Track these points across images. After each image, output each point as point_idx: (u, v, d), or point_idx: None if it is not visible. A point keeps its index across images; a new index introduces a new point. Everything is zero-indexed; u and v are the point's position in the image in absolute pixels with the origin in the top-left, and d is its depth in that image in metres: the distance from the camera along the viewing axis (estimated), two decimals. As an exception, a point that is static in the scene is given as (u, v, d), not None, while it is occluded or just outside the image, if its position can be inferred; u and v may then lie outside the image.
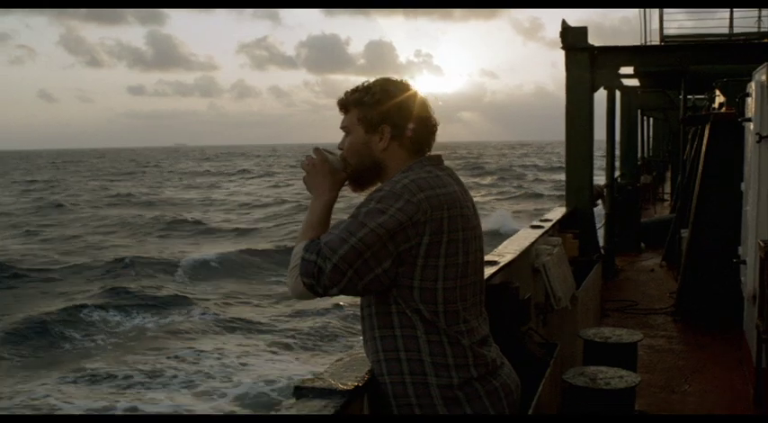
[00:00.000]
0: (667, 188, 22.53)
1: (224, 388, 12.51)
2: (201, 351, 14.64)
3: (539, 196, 46.40)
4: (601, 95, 10.44)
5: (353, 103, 2.29)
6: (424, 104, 2.31)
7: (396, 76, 2.35)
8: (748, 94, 6.32)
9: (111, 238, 32.33)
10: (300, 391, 2.11)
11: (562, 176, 10.39)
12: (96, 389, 12.75)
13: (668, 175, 23.42)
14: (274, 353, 14.67)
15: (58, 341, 15.93)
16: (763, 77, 5.75)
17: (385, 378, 2.19)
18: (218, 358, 14.15)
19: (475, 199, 2.40)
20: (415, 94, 2.30)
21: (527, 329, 4.40)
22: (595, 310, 7.76)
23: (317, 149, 2.34)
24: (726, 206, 7.53)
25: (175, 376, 13.23)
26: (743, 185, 6.66)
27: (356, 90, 2.30)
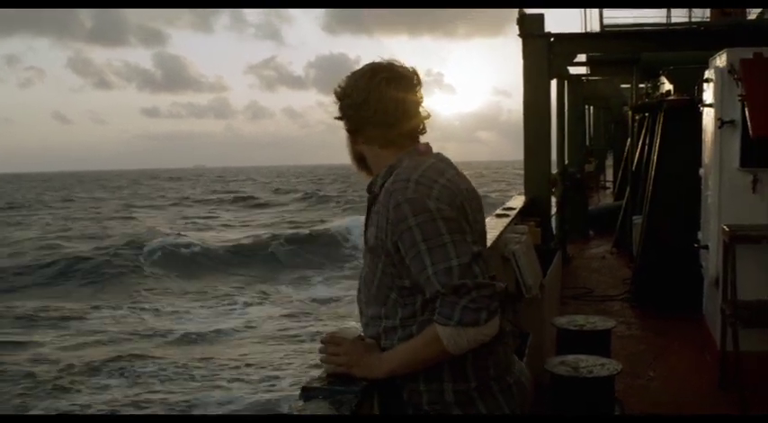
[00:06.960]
0: (608, 176, 22.88)
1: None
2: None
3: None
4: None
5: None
6: (387, 93, 2.12)
7: (360, 66, 2.20)
8: (707, 80, 6.34)
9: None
10: (308, 393, 1.97)
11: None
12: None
13: (607, 162, 23.78)
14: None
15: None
16: (723, 63, 5.77)
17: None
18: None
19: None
20: (373, 87, 2.12)
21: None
22: (557, 299, 7.75)
23: (329, 337, 2.13)
24: (682, 192, 7.57)
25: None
26: (701, 171, 6.69)
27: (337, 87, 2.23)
